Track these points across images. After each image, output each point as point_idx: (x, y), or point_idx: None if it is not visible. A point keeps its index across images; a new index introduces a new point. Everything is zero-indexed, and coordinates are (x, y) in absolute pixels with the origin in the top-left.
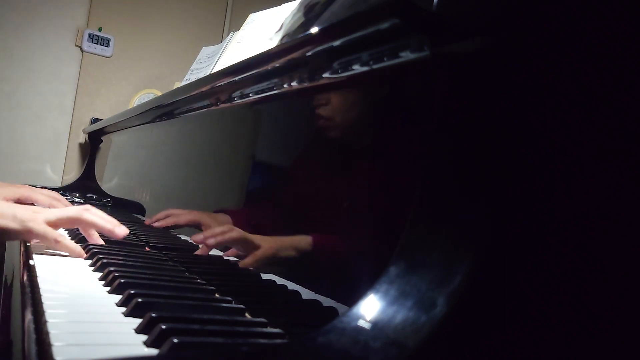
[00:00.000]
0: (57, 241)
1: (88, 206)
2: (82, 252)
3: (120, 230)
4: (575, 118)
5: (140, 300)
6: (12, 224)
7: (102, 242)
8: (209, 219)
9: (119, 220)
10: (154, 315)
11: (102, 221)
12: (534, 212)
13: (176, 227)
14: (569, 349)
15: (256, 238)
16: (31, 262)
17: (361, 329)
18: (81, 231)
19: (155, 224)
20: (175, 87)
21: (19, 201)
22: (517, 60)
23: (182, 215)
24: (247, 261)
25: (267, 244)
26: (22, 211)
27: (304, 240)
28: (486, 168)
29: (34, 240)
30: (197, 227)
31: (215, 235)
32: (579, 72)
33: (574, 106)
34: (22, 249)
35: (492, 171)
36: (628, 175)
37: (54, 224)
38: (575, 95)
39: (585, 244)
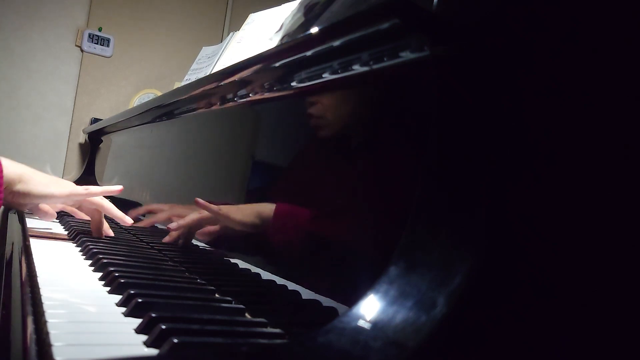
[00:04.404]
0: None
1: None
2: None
3: (129, 219)
4: (576, 119)
5: (140, 300)
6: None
7: (111, 234)
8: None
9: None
10: (154, 315)
11: (115, 208)
12: (533, 212)
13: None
14: (568, 349)
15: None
16: (31, 262)
17: (361, 329)
18: (94, 221)
19: (141, 224)
20: (175, 87)
21: None
22: (518, 61)
23: (162, 214)
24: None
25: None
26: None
27: (266, 208)
28: (486, 168)
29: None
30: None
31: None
32: (580, 73)
33: (574, 107)
34: (22, 248)
35: (492, 171)
36: (626, 177)
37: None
38: (576, 96)
39: (585, 244)
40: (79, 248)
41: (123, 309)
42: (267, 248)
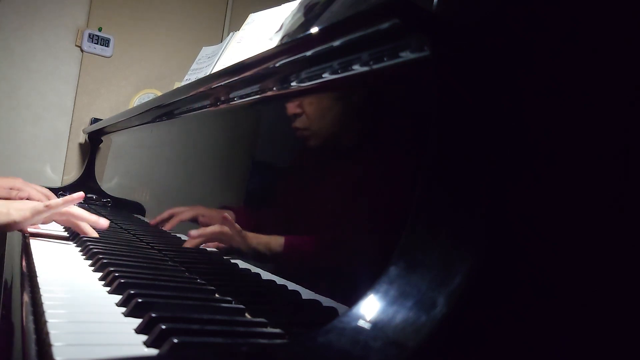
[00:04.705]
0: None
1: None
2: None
3: (104, 221)
4: (576, 119)
5: (140, 300)
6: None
7: (96, 234)
8: (209, 213)
9: (119, 220)
10: (154, 315)
11: (86, 213)
12: (533, 213)
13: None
14: (568, 349)
15: (237, 231)
16: (31, 262)
17: (361, 329)
18: (73, 227)
19: (164, 227)
20: (175, 87)
21: (12, 192)
22: (518, 61)
23: (185, 213)
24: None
25: (248, 238)
26: (18, 205)
27: (276, 240)
28: (486, 168)
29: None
30: (199, 221)
31: (198, 236)
32: (580, 73)
33: (574, 108)
34: (22, 248)
35: (492, 171)
36: (626, 178)
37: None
38: (575, 96)
39: (584, 244)
40: (79, 248)
41: (123, 309)
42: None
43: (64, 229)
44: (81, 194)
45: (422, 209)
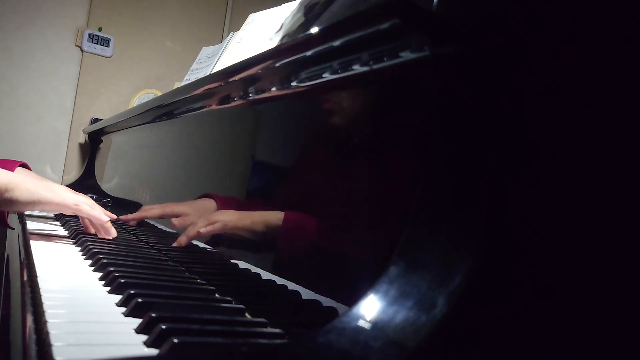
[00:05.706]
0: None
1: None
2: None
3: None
4: (576, 119)
5: (140, 300)
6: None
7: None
8: (183, 209)
9: (119, 220)
10: (154, 315)
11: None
12: (533, 212)
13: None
14: (568, 349)
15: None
16: (31, 262)
17: (361, 329)
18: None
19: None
20: (175, 87)
21: None
22: (518, 61)
23: (153, 210)
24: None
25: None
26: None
27: (275, 217)
28: (486, 168)
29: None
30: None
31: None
32: (580, 73)
33: (574, 108)
34: (21, 248)
35: (492, 171)
36: (626, 178)
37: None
38: (576, 96)
39: (585, 244)
40: (79, 248)
41: (123, 309)
42: (268, 248)
43: (64, 229)
44: (113, 216)
45: (422, 208)
